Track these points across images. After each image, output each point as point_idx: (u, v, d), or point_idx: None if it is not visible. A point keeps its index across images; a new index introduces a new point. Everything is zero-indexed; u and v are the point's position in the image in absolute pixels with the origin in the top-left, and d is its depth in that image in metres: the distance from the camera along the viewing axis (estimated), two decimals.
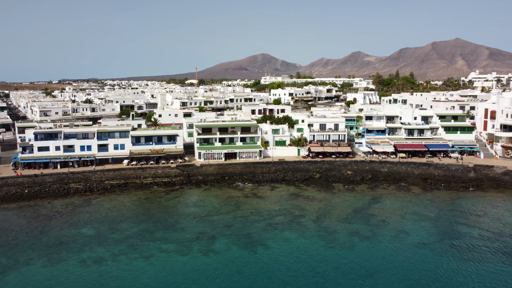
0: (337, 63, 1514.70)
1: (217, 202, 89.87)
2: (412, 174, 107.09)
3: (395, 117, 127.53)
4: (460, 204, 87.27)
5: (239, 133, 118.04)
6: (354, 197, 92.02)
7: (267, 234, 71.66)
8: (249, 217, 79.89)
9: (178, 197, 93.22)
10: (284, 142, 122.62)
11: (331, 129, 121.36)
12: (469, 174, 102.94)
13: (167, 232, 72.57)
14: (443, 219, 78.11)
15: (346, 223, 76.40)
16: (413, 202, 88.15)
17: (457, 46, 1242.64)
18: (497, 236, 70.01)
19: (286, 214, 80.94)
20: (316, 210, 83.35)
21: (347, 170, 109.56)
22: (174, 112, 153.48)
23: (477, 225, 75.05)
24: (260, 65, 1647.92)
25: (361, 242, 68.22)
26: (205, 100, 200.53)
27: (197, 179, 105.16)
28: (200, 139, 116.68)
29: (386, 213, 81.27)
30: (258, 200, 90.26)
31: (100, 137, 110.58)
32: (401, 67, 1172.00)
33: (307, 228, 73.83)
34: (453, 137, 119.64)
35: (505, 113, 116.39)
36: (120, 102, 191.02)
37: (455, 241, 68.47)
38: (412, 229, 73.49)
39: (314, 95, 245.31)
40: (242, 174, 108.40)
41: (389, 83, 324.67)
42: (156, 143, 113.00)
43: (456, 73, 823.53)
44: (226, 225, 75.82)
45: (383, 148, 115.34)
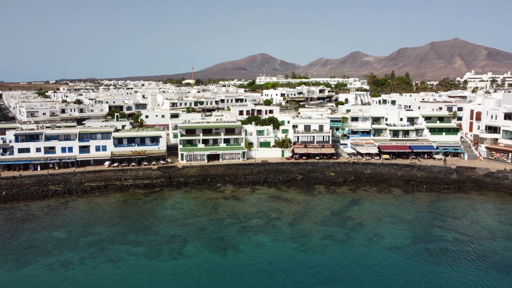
0: (336, 63, 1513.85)
1: (195, 204, 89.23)
2: (395, 175, 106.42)
3: (381, 118, 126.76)
4: (439, 206, 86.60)
5: (223, 135, 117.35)
6: (334, 199, 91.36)
7: (240, 237, 71.00)
8: (225, 220, 79.24)
9: (157, 199, 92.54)
10: (269, 143, 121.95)
11: (315, 130, 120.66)
12: (452, 176, 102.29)
13: (140, 235, 71.92)
14: (420, 222, 77.46)
15: (321, 226, 75.74)
16: (392, 205, 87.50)
17: (455, 46, 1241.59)
18: (472, 240, 69.35)
19: (262, 217, 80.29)
20: (293, 212, 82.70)
21: (330, 172, 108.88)
22: (161, 113, 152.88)
23: (454, 228, 74.40)
24: (259, 65, 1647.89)
25: (334, 246, 67.57)
26: (195, 101, 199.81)
27: (179, 181, 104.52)
28: (183, 140, 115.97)
29: (363, 216, 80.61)
30: (236, 202, 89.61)
31: (82, 138, 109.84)
32: (399, 67, 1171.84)
33: (281, 231, 73.17)
34: (438, 138, 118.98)
35: (490, 115, 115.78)
36: (110, 102, 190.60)
37: (429, 244, 67.82)
38: (387, 232, 72.84)
39: (306, 95, 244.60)
40: (224, 176, 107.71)
41: (384, 83, 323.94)
42: (139, 145, 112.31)
43: (454, 73, 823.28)
44: (200, 228, 75.16)
45: (367, 150, 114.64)
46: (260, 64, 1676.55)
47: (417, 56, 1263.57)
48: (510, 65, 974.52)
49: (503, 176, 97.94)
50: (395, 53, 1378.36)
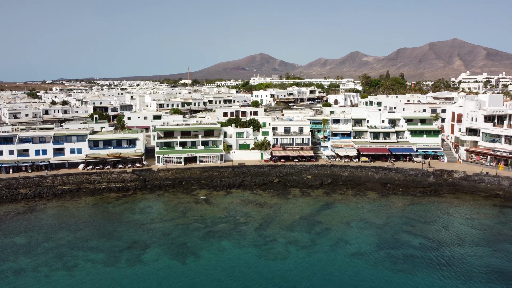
0: (335, 63, 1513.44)
1: (165, 208, 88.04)
2: (373, 178, 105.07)
3: (362, 120, 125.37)
4: (412, 210, 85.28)
5: (200, 137, 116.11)
6: (307, 203, 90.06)
7: (203, 243, 69.72)
8: (192, 224, 77.99)
9: (127, 203, 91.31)
10: (248, 145, 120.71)
11: (295, 133, 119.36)
12: (429, 179, 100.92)
13: (101, 241, 70.69)
14: (389, 227, 76.14)
15: (288, 231, 74.45)
16: (364, 208, 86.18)
17: (454, 46, 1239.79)
18: (439, 246, 68.02)
19: (230, 222, 79.02)
20: (262, 217, 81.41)
21: (308, 175, 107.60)
22: (144, 114, 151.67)
23: (422, 234, 73.06)
24: (258, 65, 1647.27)
25: (296, 252, 66.27)
26: (183, 102, 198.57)
27: (153, 184, 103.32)
28: (160, 143, 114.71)
29: (332, 220, 79.30)
30: (207, 206, 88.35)
31: (56, 141, 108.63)
32: (398, 67, 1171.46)
33: (245, 237, 71.89)
34: (418, 140, 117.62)
35: (470, 117, 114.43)
36: (96, 103, 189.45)
37: (393, 251, 66.48)
38: (353, 237, 71.55)
39: (296, 96, 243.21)
40: (200, 179, 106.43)
41: (377, 84, 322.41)
42: (115, 147, 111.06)
43: (453, 73, 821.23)
44: (165, 233, 73.92)
45: (346, 152, 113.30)
46: (259, 64, 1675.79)
47: (416, 56, 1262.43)
48: (508, 65, 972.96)
49: (479, 179, 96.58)
50: (394, 53, 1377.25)
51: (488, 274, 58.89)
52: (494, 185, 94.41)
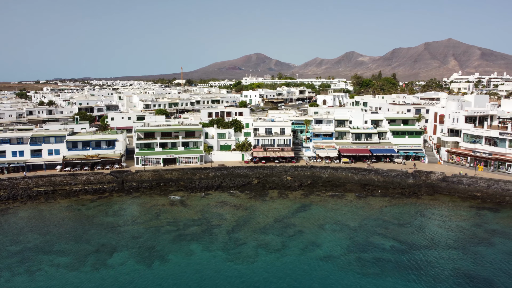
0: (331, 63, 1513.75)
1: (139, 210, 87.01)
2: (352, 179, 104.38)
3: (345, 121, 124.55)
4: (388, 212, 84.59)
5: (181, 138, 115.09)
6: (283, 205, 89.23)
7: (172, 246, 68.78)
8: (163, 227, 77.01)
9: (102, 205, 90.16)
10: (230, 146, 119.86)
11: (277, 134, 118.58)
12: (408, 180, 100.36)
13: (69, 244, 69.61)
14: (363, 229, 75.43)
15: (260, 233, 73.61)
16: (340, 210, 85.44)
17: (449, 46, 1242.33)
18: (409, 248, 67.35)
19: (202, 224, 78.09)
20: (236, 219, 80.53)
21: (287, 176, 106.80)
22: (128, 115, 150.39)
23: (395, 236, 72.38)
24: (254, 65, 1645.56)
25: (265, 255, 65.41)
26: (170, 102, 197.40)
27: (131, 186, 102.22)
28: (140, 144, 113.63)
29: (306, 223, 78.52)
30: (182, 208, 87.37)
31: (34, 142, 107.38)
32: (394, 67, 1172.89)
33: (216, 240, 70.98)
34: (400, 141, 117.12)
35: (452, 118, 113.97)
36: (83, 104, 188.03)
37: (364, 253, 65.74)
38: (325, 240, 70.76)
39: (286, 96, 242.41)
40: (179, 180, 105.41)
41: (368, 84, 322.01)
42: (94, 148, 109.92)
43: (448, 73, 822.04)
44: (135, 236, 72.91)
45: (327, 153, 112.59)
46: (255, 64, 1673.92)
47: (411, 56, 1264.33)
48: (503, 65, 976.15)
49: (458, 180, 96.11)
50: (390, 53, 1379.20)
51: (456, 278, 58.25)
52: (472, 187, 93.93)
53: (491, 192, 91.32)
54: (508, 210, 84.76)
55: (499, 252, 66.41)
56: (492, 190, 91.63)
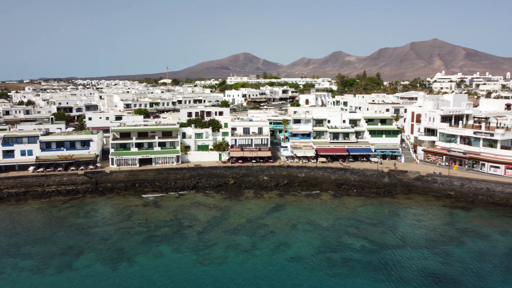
0: (318, 63, 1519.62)
1: (111, 212, 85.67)
2: (329, 179, 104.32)
3: (323, 120, 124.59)
4: (361, 211, 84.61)
5: (157, 138, 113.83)
6: (257, 205, 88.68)
7: (141, 248, 67.73)
8: (134, 228, 75.88)
9: (74, 206, 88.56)
10: (207, 146, 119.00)
11: (254, 133, 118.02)
12: (384, 180, 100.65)
13: (35, 247, 68.10)
14: (335, 229, 75.27)
15: (231, 234, 72.95)
16: (314, 210, 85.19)
17: (435, 46, 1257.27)
18: (379, 248, 67.34)
19: (174, 225, 77.15)
20: (208, 220, 79.75)
21: (264, 176, 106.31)
22: (106, 115, 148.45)
23: (366, 236, 72.33)
24: (242, 64, 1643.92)
25: (235, 256, 64.78)
26: (151, 102, 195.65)
27: (106, 187, 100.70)
28: (116, 144, 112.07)
29: (279, 223, 78.10)
30: (154, 209, 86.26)
31: (6, 142, 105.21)
32: (380, 66, 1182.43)
33: (186, 241, 70.14)
34: (377, 140, 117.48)
35: (428, 117, 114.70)
36: (63, 103, 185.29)
37: (333, 254, 65.51)
38: (296, 240, 70.37)
39: (269, 96, 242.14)
40: (154, 181, 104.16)
41: (352, 83, 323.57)
42: (68, 149, 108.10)
43: (433, 73, 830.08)
44: (104, 237, 71.68)
45: (305, 153, 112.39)
46: (243, 63, 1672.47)
47: (398, 56, 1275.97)
48: (487, 65, 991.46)
49: (432, 179, 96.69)
50: (376, 53, 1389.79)
51: (424, 277, 58.31)
52: (446, 186, 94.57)
53: (465, 191, 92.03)
54: (480, 209, 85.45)
55: (468, 251, 66.75)
56: (465, 189, 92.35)
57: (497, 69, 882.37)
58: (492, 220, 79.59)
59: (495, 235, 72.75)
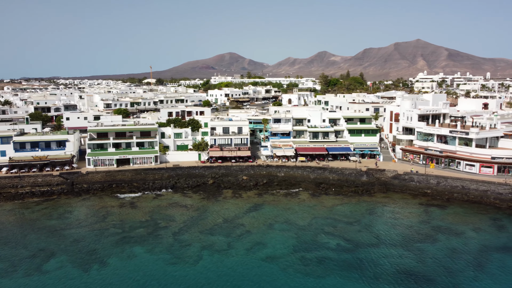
0: (304, 63, 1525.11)
1: (85, 213, 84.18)
2: (308, 178, 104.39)
3: (303, 119, 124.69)
4: (339, 210, 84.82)
5: (135, 138, 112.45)
6: (235, 205, 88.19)
7: (114, 249, 66.64)
8: (108, 230, 74.67)
9: (47, 208, 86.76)
10: (186, 146, 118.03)
11: (234, 133, 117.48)
12: (362, 178, 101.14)
13: (5, 250, 66.39)
14: (312, 228, 75.22)
15: (207, 234, 72.31)
16: (291, 210, 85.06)
17: (418, 47, 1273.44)
18: (354, 247, 67.50)
19: (149, 226, 76.15)
20: (184, 220, 78.96)
21: (243, 175, 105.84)
22: (84, 115, 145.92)
23: (342, 234, 72.45)
24: (227, 64, 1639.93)
25: (209, 257, 64.18)
26: (132, 102, 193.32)
27: (81, 188, 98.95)
28: (93, 144, 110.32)
29: (256, 223, 77.75)
30: (130, 210, 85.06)
31: None
32: (365, 66, 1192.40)
33: (161, 242, 69.28)
34: (357, 139, 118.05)
35: (406, 116, 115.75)
36: (41, 103, 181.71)
37: (308, 253, 65.39)
38: (272, 240, 70.07)
39: (252, 95, 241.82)
40: (132, 182, 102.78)
41: (336, 83, 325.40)
42: (43, 149, 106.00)
43: (416, 73, 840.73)
44: (76, 239, 70.32)
45: (284, 152, 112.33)
46: (228, 63, 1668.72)
47: (382, 56, 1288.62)
48: (469, 65, 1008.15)
49: (409, 178, 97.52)
50: (361, 53, 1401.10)
51: (397, 275, 58.57)
52: (423, 184, 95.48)
53: (440, 189, 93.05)
54: (455, 207, 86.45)
55: (442, 248, 67.36)
56: (441, 187, 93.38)
57: (478, 69, 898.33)
58: (466, 217, 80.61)
59: (469, 232, 73.64)
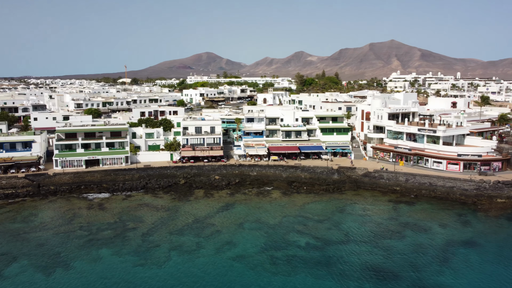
0: (281, 63, 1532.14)
1: (51, 216, 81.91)
2: (280, 177, 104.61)
3: (276, 119, 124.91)
4: (309, 208, 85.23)
5: (105, 138, 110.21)
6: (207, 205, 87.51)
7: (79, 252, 64.99)
8: (75, 232, 72.82)
9: (11, 211, 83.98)
10: (158, 146, 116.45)
11: (207, 132, 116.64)
12: (333, 177, 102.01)
13: None
14: (282, 227, 75.30)
15: (176, 235, 71.44)
16: (263, 209, 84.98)
17: (392, 47, 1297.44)
18: (323, 245, 67.90)
19: (117, 228, 74.66)
20: (154, 221, 77.78)
21: (216, 175, 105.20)
22: (53, 115, 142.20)
23: (311, 233, 72.76)
24: (205, 64, 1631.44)
25: (177, 257, 63.41)
26: (104, 102, 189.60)
27: (48, 190, 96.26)
28: (61, 145, 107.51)
29: (226, 222, 77.30)
30: (98, 212, 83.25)
31: None
32: (341, 66, 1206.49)
33: (128, 243, 68.01)
34: (329, 138, 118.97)
35: (377, 115, 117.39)
36: (9, 103, 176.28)
37: (277, 252, 65.39)
38: (242, 239, 69.78)
39: (227, 95, 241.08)
40: (101, 183, 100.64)
41: (311, 83, 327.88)
42: (8, 151, 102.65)
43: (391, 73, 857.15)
44: (40, 243, 68.30)
45: (257, 151, 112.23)
46: (206, 63, 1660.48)
47: (358, 57, 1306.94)
48: (441, 65, 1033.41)
49: (379, 175, 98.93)
50: (337, 53, 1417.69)
51: (363, 271, 59.18)
52: (392, 181, 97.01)
53: (409, 186, 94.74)
54: (423, 203, 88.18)
55: (408, 244, 68.50)
56: (410, 184, 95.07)
57: (450, 69, 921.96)
58: (433, 213, 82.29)
59: (435, 228, 75.17)
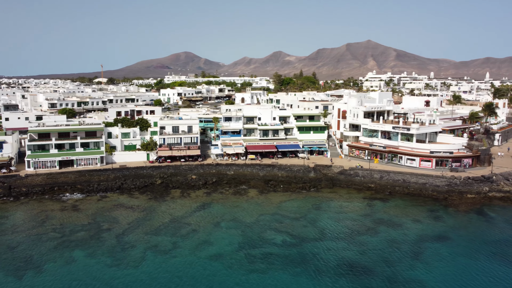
0: (260, 62, 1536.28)
1: (22, 218, 79.96)
2: (257, 176, 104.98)
3: (254, 117, 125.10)
4: (285, 207, 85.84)
5: (79, 138, 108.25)
6: (183, 205, 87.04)
7: (52, 255, 63.69)
8: (47, 234, 71.30)
9: None
10: (135, 146, 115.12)
11: (184, 132, 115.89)
12: (310, 175, 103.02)
13: None
14: (258, 225, 75.60)
15: (152, 235, 70.82)
16: (239, 207, 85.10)
17: (368, 47, 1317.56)
18: (299, 242, 68.50)
19: (91, 229, 73.48)
20: (129, 222, 76.88)
21: (192, 175, 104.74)
22: (25, 115, 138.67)
23: (287, 230, 73.30)
24: (183, 64, 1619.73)
25: (153, 257, 62.88)
26: (79, 101, 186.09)
27: (20, 192, 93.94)
28: (33, 145, 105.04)
29: (202, 222, 77.08)
30: (72, 213, 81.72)
31: None
32: (319, 66, 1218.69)
33: (103, 245, 67.05)
34: (306, 137, 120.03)
35: (353, 113, 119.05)
36: None
37: (254, 250, 65.61)
38: (218, 238, 69.72)
39: (205, 94, 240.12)
40: (75, 184, 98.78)
41: (289, 82, 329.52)
42: None
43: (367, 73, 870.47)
44: (11, 246, 66.61)
45: (234, 150, 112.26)
46: (184, 62, 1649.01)
47: (335, 57, 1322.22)
48: (415, 65, 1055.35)
49: (355, 173, 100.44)
50: (315, 53, 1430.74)
51: (338, 267, 59.95)
52: (367, 178, 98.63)
53: (383, 183, 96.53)
54: (396, 199, 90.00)
55: (382, 240, 69.78)
56: (384, 181, 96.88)
57: (424, 69, 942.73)
58: (406, 209, 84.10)
59: (408, 223, 76.83)
